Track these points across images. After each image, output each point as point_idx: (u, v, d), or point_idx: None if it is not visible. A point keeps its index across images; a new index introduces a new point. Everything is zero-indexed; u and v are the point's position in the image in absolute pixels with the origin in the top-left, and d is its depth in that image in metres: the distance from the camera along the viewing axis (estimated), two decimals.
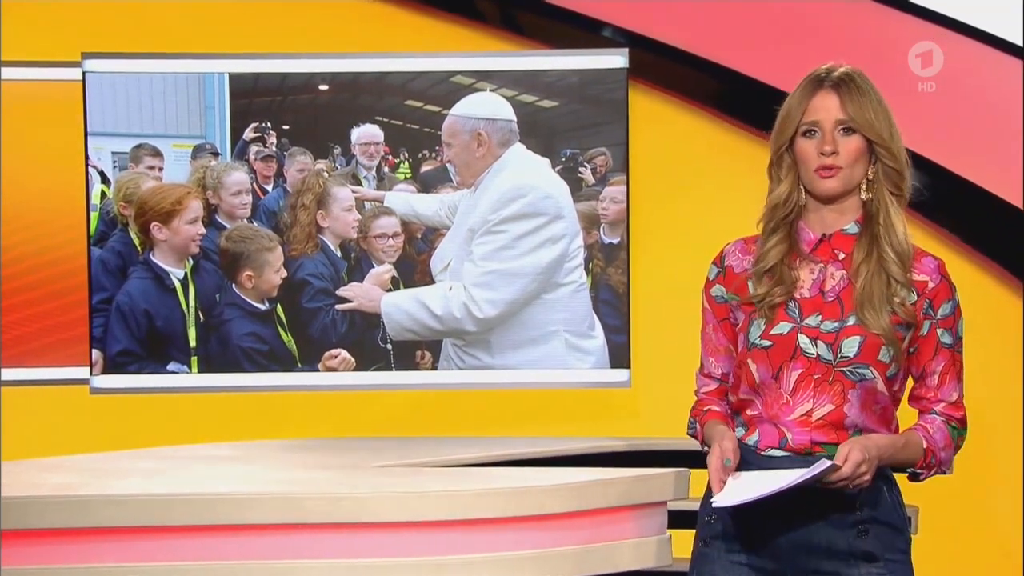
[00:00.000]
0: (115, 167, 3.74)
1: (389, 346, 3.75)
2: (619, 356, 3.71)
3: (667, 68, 4.06)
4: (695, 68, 4.03)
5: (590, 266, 3.74)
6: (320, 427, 3.95)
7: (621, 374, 3.72)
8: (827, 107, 2.36)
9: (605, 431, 3.56)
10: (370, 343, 3.76)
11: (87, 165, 3.73)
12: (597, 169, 3.75)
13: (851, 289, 2.36)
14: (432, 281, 3.75)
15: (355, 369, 3.75)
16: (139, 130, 3.75)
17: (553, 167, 3.73)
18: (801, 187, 2.39)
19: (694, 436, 2.58)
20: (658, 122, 4.03)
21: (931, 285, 2.38)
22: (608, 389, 3.74)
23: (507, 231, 3.68)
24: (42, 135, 3.84)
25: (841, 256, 2.39)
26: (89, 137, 3.73)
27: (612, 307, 3.73)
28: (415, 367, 3.76)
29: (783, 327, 2.36)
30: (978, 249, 3.97)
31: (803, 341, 2.35)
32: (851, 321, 2.34)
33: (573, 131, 3.75)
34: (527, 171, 3.71)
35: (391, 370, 3.76)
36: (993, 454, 3.91)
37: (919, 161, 3.86)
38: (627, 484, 2.88)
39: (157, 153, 3.74)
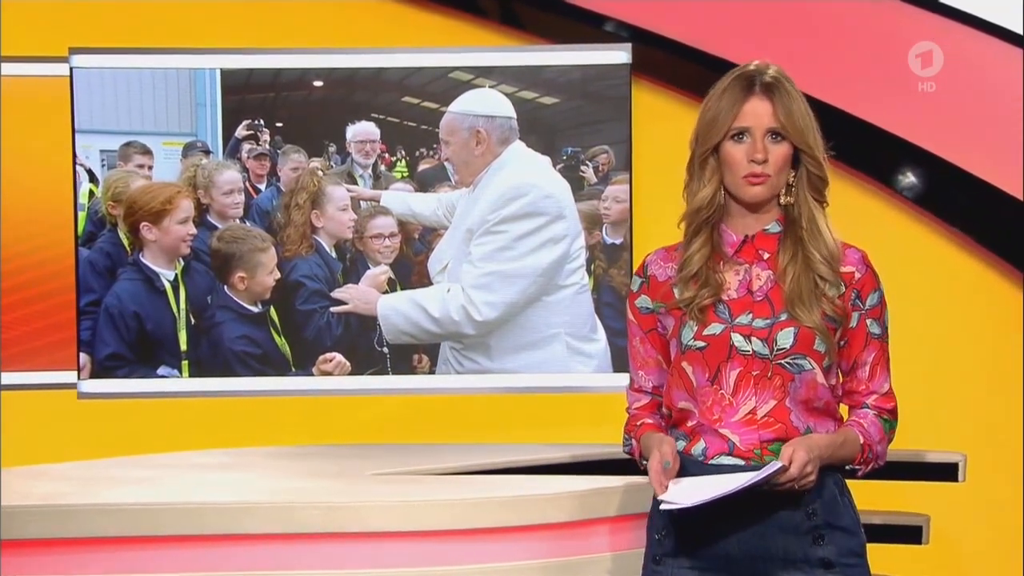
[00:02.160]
0: (103, 165, 3.73)
1: (385, 349, 3.74)
2: (622, 360, 3.69)
3: (671, 64, 4.04)
4: (700, 64, 4.00)
5: (592, 267, 3.73)
6: (314, 433, 3.94)
7: (624, 379, 3.69)
8: (759, 113, 2.37)
9: (608, 437, 3.51)
10: (366, 346, 3.74)
11: (75, 163, 3.72)
12: (599, 167, 3.74)
13: (779, 289, 2.39)
14: (430, 283, 3.74)
15: (350, 373, 3.74)
16: (128, 127, 3.74)
17: (554, 165, 3.72)
18: (723, 190, 2.41)
19: (630, 454, 2.57)
20: (662, 119, 4.01)
21: (858, 275, 2.41)
22: (611, 394, 3.71)
23: (507, 231, 3.66)
24: (28, 132, 3.83)
25: (766, 256, 2.41)
26: (77, 135, 3.72)
27: (615, 309, 3.72)
28: (412, 371, 3.75)
29: (715, 328, 2.38)
30: (978, 241, 3.98)
31: (737, 339, 2.36)
32: (783, 317, 2.37)
33: (574, 128, 3.74)
34: (527, 170, 3.69)
35: (387, 374, 3.75)
36: (996, 450, 3.91)
37: (919, 156, 3.88)
38: (632, 492, 2.86)
39: (147, 151, 3.74)
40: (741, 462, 2.36)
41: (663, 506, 2.30)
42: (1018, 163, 3.88)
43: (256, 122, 3.74)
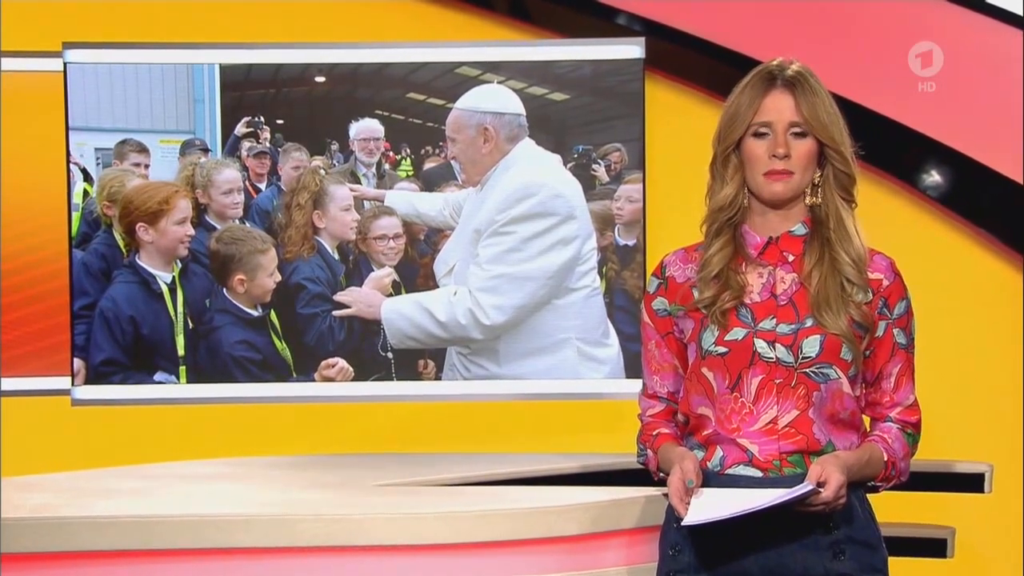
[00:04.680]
0: (98, 164, 3.73)
1: (390, 355, 3.73)
2: (635, 366, 3.67)
3: (686, 58, 4.03)
4: (715, 58, 4.00)
5: (604, 269, 3.72)
6: (316, 442, 3.93)
7: (637, 385, 3.68)
8: (780, 108, 2.36)
9: (621, 446, 3.50)
10: (370, 351, 3.73)
11: (68, 162, 3.71)
12: (611, 166, 3.72)
13: (804, 292, 2.37)
14: (435, 285, 3.73)
15: (354, 379, 3.73)
16: (124, 125, 3.73)
17: (565, 164, 3.70)
18: (746, 189, 2.39)
19: (644, 464, 2.55)
20: (676, 115, 4.00)
21: (886, 283, 2.40)
22: (623, 401, 3.69)
23: (515, 232, 3.65)
24: (21, 130, 3.82)
25: (790, 258, 2.40)
26: (71, 132, 3.70)
27: (627, 313, 3.70)
28: (417, 377, 3.74)
29: (737, 333, 2.36)
30: (978, 225, 4.00)
31: (760, 345, 2.35)
32: (808, 323, 2.35)
33: (586, 126, 3.72)
34: (537, 168, 3.68)
35: (392, 380, 3.73)
36: (998, 447, 3.90)
37: (920, 141, 3.90)
38: (646, 504, 2.84)
39: (143, 149, 3.73)
40: (759, 473, 2.34)
41: (685, 522, 2.28)
42: (1018, 154, 3.90)
43: (256, 119, 3.72)
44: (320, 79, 3.74)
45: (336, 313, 3.73)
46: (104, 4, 4.01)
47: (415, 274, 3.75)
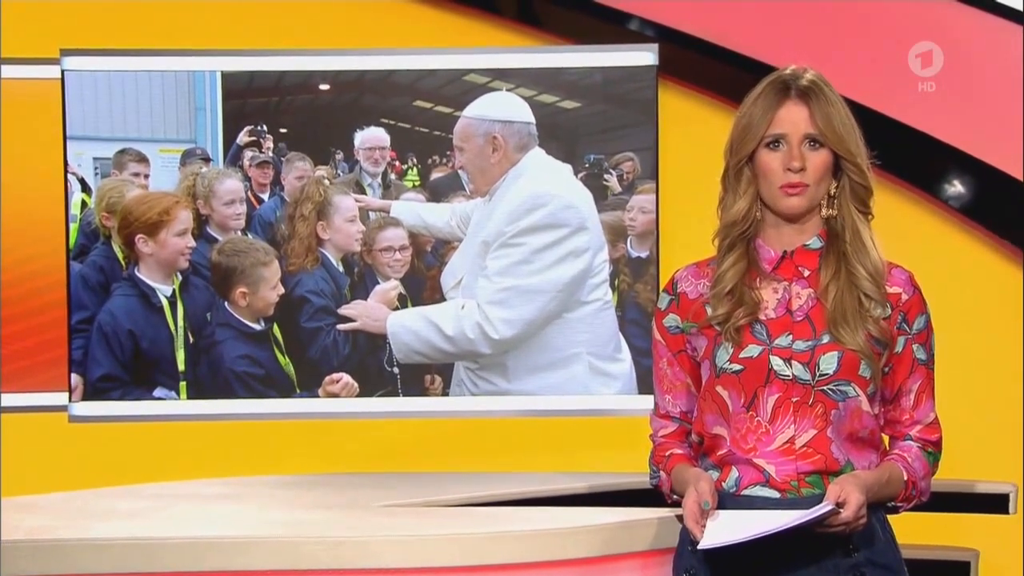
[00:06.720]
0: (97, 174, 3.74)
1: (396, 370, 3.73)
2: (648, 381, 3.66)
3: (700, 64, 4.03)
4: (731, 64, 4.00)
5: (616, 282, 3.72)
6: (320, 460, 3.93)
7: (650, 401, 3.67)
8: (795, 119, 2.35)
9: (634, 465, 3.49)
10: (375, 366, 3.73)
11: (66, 172, 3.72)
12: (624, 176, 3.73)
13: (820, 308, 2.36)
14: (443, 298, 3.73)
15: (359, 395, 3.74)
16: (123, 134, 3.74)
17: (575, 174, 3.71)
18: (759, 202, 2.39)
19: (657, 487, 2.55)
20: (691, 124, 4.00)
21: (905, 297, 2.39)
22: (636, 417, 3.69)
23: (525, 244, 3.65)
24: (17, 139, 3.83)
25: (806, 273, 2.39)
26: (69, 141, 3.72)
27: (640, 327, 3.70)
28: (424, 393, 3.74)
29: (753, 350, 2.35)
30: (979, 222, 4.01)
31: (776, 363, 2.34)
32: (825, 339, 2.34)
33: (597, 134, 3.73)
34: (547, 178, 3.68)
35: (398, 396, 3.74)
36: (996, 449, 3.90)
37: (921, 138, 3.93)
38: (660, 526, 2.83)
39: (143, 159, 3.74)
40: (776, 494, 2.34)
41: (701, 545, 2.28)
42: (1018, 152, 3.92)
43: (259, 128, 3.74)
44: (324, 87, 3.75)
45: (340, 327, 3.73)
46: (103, 10, 4.02)
47: (422, 287, 3.75)
